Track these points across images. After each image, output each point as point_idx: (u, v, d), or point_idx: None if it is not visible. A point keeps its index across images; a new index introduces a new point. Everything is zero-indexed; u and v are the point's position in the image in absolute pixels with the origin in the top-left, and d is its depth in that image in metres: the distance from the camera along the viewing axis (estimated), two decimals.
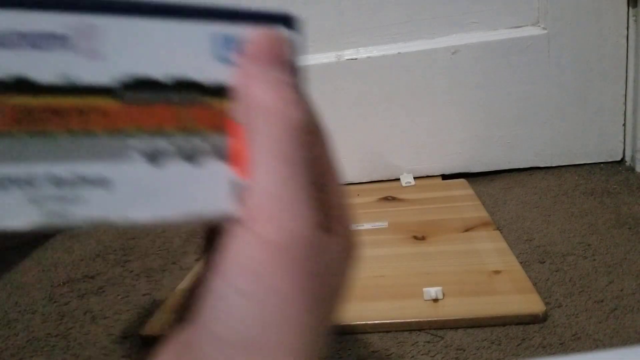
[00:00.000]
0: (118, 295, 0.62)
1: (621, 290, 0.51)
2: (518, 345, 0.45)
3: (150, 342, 0.51)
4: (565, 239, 0.63)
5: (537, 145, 0.89)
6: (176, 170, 0.20)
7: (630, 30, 0.82)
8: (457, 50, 0.84)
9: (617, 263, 0.56)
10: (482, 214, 0.72)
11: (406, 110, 0.88)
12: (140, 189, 0.19)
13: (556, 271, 0.56)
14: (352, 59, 0.87)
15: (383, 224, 0.72)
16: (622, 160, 0.88)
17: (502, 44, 0.84)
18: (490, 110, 0.88)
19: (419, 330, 0.48)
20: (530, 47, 0.83)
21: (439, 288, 0.51)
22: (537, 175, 0.88)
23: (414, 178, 0.91)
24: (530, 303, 0.49)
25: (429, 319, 0.49)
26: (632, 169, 0.85)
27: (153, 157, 0.19)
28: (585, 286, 0.53)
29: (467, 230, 0.67)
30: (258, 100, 0.20)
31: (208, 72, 0.20)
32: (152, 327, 0.53)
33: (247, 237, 0.19)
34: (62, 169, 0.18)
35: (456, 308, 0.49)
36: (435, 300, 0.51)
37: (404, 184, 0.89)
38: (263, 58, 0.21)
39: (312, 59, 0.88)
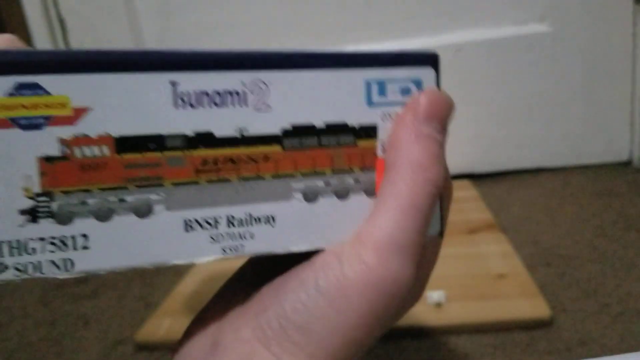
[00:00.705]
0: (111, 299, 0.61)
1: (628, 293, 0.50)
2: (523, 350, 0.44)
3: (145, 348, 0.51)
4: (571, 242, 0.62)
5: (543, 146, 0.88)
6: (329, 205, 0.22)
7: (636, 28, 0.80)
8: (461, 48, 0.83)
9: (624, 266, 0.55)
10: (487, 215, 0.71)
11: None
12: (299, 223, 0.22)
13: (562, 275, 0.55)
14: None
15: None
16: (629, 160, 0.87)
17: (507, 42, 0.83)
18: (494, 109, 0.86)
19: (422, 335, 0.47)
20: (535, 45, 0.82)
21: (442, 292, 0.50)
22: (542, 176, 0.87)
23: None
24: (535, 307, 0.48)
25: (432, 324, 0.48)
26: (639, 170, 0.84)
27: (309, 195, 0.22)
28: (591, 290, 0.52)
29: (471, 232, 0.66)
30: (408, 151, 0.22)
31: (360, 115, 0.22)
32: (146, 332, 0.52)
33: (351, 259, 0.21)
34: (236, 210, 0.21)
35: (460, 313, 0.48)
36: (439, 304, 0.49)
37: None
38: (421, 112, 0.22)
39: None
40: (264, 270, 0.24)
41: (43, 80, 0.19)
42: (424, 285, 0.27)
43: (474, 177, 0.89)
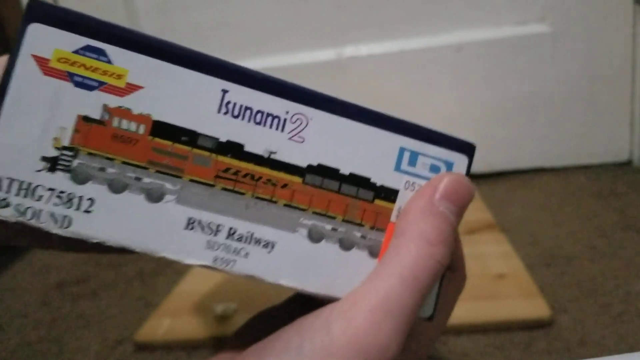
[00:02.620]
0: (111, 299, 0.61)
1: (628, 293, 0.50)
2: (523, 350, 0.44)
3: (145, 348, 0.50)
4: (571, 242, 0.62)
5: (543, 146, 0.87)
6: (329, 251, 0.23)
7: (636, 28, 0.80)
8: (461, 48, 0.83)
9: (624, 266, 0.55)
10: (486, 216, 0.71)
11: (408, 110, 0.87)
12: (295, 259, 0.22)
13: (562, 275, 0.55)
14: (352, 57, 0.86)
15: None
16: (629, 160, 0.87)
17: (507, 41, 0.83)
18: (494, 109, 0.86)
19: None
20: (535, 45, 0.82)
21: None
22: (542, 176, 0.87)
23: None
24: (535, 307, 0.48)
25: None
26: (639, 170, 0.84)
27: (314, 235, 0.22)
28: (591, 290, 0.52)
29: (470, 232, 0.66)
30: (419, 223, 0.22)
31: (385, 177, 0.23)
32: (146, 332, 0.52)
33: (341, 320, 0.20)
34: (240, 225, 0.22)
35: (459, 313, 0.48)
36: None
37: None
38: (441, 190, 0.23)
39: (310, 56, 0.87)
40: (259, 330, 0.25)
41: (111, 50, 0.20)
42: None
43: (474, 177, 0.89)
